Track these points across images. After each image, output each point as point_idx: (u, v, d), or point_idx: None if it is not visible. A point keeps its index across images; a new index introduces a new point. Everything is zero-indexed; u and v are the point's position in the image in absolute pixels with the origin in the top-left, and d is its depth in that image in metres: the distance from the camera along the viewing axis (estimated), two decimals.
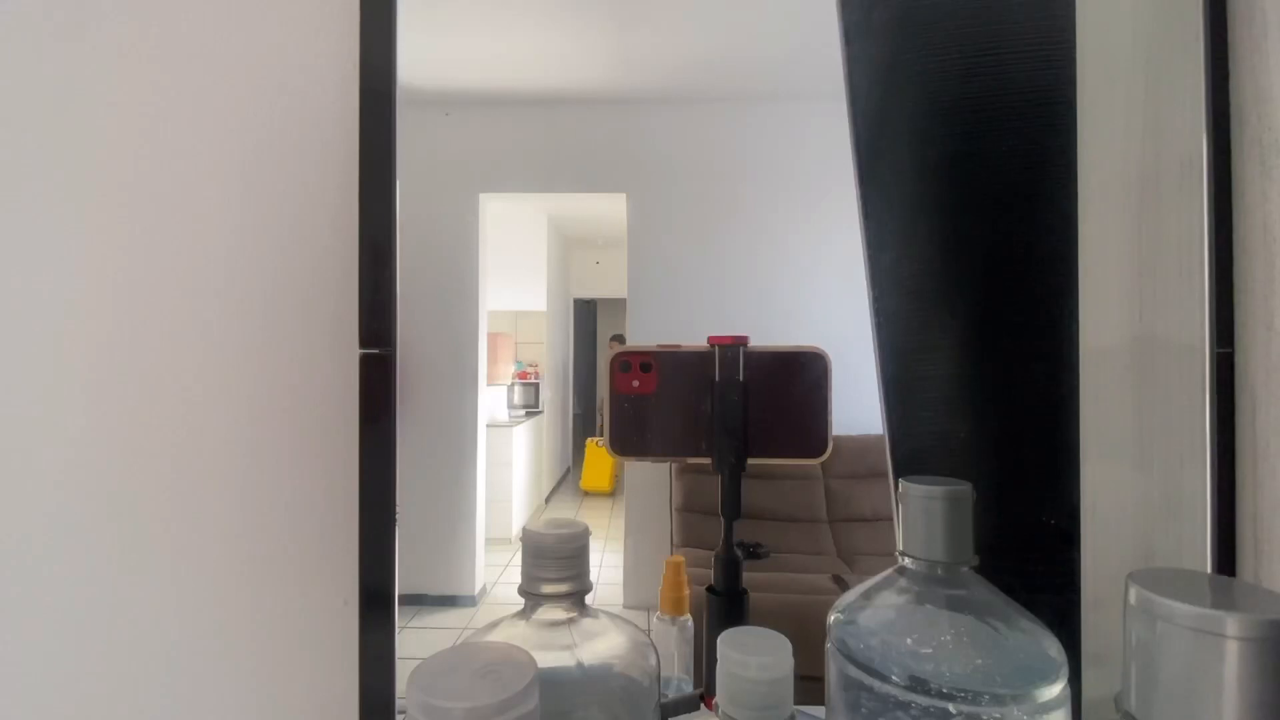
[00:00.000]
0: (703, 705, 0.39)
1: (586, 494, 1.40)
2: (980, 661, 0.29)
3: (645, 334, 0.89)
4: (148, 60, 0.55)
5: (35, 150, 0.55)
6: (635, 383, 0.42)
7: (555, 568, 0.33)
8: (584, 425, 1.59)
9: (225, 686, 0.54)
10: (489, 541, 1.04)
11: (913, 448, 0.53)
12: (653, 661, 0.35)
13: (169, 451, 0.54)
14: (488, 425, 1.06)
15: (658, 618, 0.53)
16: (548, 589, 0.33)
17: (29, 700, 0.54)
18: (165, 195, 0.55)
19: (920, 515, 0.32)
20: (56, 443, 0.54)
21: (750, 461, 0.41)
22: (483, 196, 0.99)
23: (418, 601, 0.95)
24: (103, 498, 0.54)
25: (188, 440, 0.54)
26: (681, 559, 0.54)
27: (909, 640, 0.30)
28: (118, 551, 0.54)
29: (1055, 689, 0.28)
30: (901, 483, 0.33)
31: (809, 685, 0.33)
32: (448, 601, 1.00)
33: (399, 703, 0.52)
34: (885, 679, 0.29)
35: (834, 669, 0.32)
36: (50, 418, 0.54)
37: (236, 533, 0.54)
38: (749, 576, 0.45)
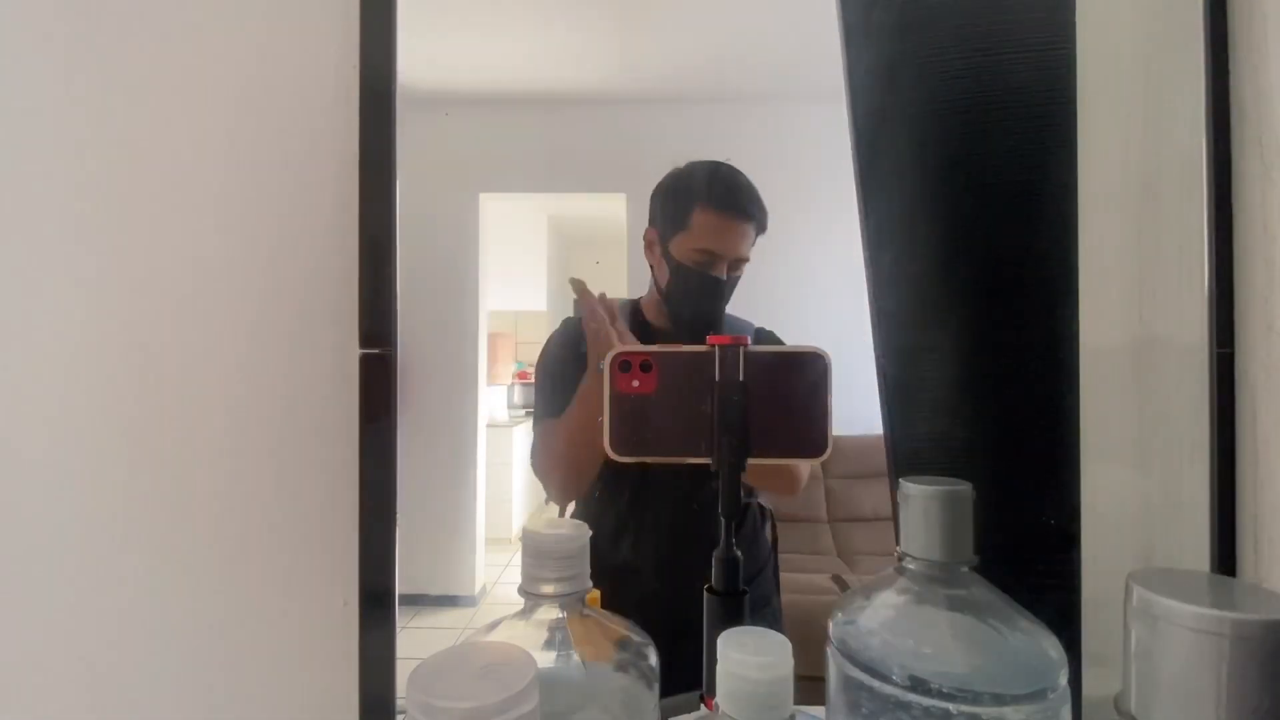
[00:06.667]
0: (703, 705, 0.39)
1: None
2: (980, 662, 0.29)
3: None
4: (148, 60, 0.55)
5: (35, 151, 0.55)
6: (635, 383, 0.42)
7: (555, 568, 0.33)
8: None
9: (225, 686, 0.54)
10: (489, 541, 1.04)
11: (913, 448, 0.53)
12: (653, 661, 0.35)
13: (169, 451, 0.54)
14: (488, 425, 1.06)
15: None
16: (547, 589, 0.33)
17: (30, 699, 0.54)
18: (165, 195, 0.55)
19: (920, 515, 0.32)
20: (57, 442, 0.54)
21: (750, 461, 0.41)
22: (483, 196, 0.99)
23: (418, 601, 0.94)
24: (103, 497, 0.54)
25: (187, 440, 0.54)
26: None
27: (909, 640, 0.30)
28: (118, 551, 0.54)
29: (1055, 689, 0.28)
30: (901, 483, 0.33)
31: (809, 685, 0.33)
32: (448, 601, 1.00)
33: (399, 703, 0.52)
34: (886, 679, 0.29)
35: (834, 669, 0.32)
36: (51, 418, 0.54)
37: (237, 532, 0.54)
38: None
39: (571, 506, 0.71)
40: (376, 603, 0.52)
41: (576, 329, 0.72)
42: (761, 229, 0.71)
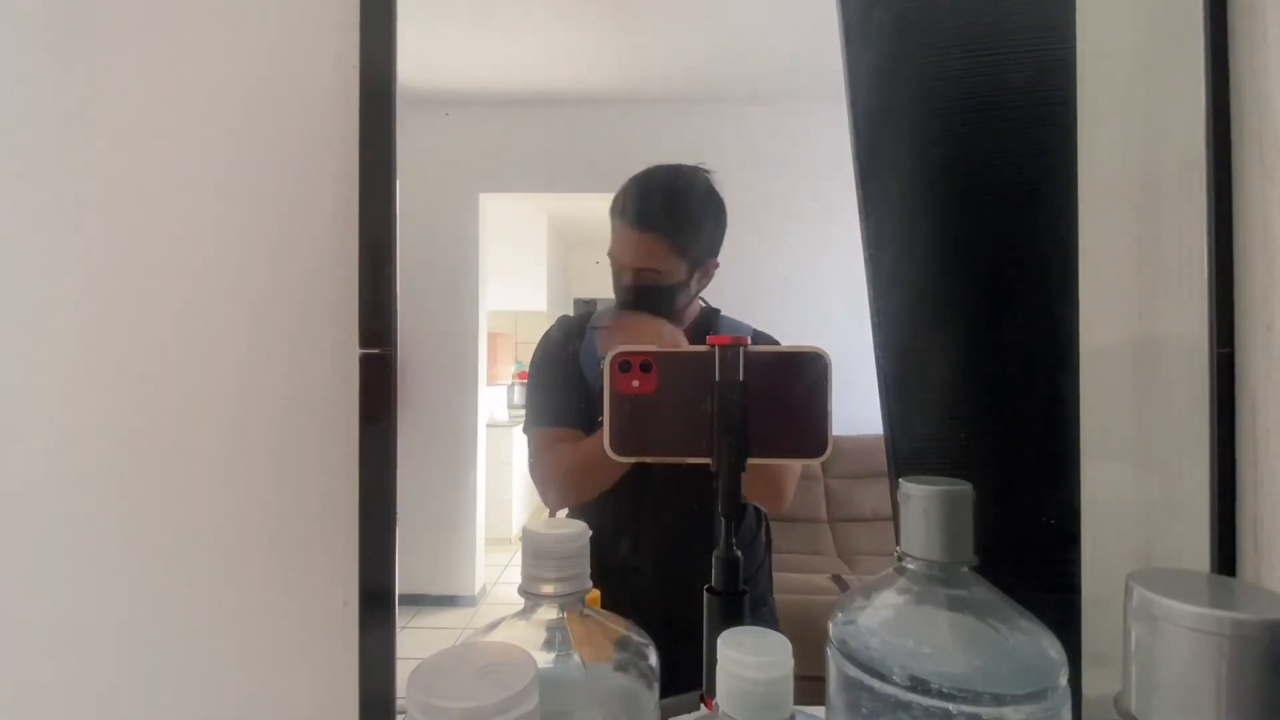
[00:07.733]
0: (703, 705, 0.39)
1: None
2: (980, 662, 0.29)
3: None
4: (148, 60, 0.55)
5: (35, 150, 0.55)
6: (635, 383, 0.42)
7: (555, 568, 0.34)
8: None
9: (225, 686, 0.54)
10: (489, 541, 1.04)
11: (913, 448, 0.53)
12: (653, 661, 0.35)
13: (168, 451, 0.54)
14: (488, 425, 1.07)
15: None
16: (547, 589, 0.33)
17: (30, 699, 0.54)
18: (165, 195, 0.55)
19: (920, 515, 0.32)
20: (57, 443, 0.54)
21: (750, 461, 0.41)
22: (483, 196, 1.00)
23: (418, 601, 0.95)
24: (103, 497, 0.54)
25: (186, 440, 0.54)
26: None
27: (909, 640, 0.30)
28: (118, 551, 0.54)
29: (1055, 689, 0.28)
30: (901, 483, 0.33)
31: (809, 685, 0.33)
32: (448, 601, 1.00)
33: (399, 703, 0.52)
34: (885, 679, 0.29)
35: (834, 669, 0.32)
36: (50, 418, 0.54)
37: (236, 533, 0.54)
38: None
39: (564, 509, 0.71)
40: (376, 603, 0.52)
41: (573, 327, 0.72)
42: (677, 245, 0.68)
